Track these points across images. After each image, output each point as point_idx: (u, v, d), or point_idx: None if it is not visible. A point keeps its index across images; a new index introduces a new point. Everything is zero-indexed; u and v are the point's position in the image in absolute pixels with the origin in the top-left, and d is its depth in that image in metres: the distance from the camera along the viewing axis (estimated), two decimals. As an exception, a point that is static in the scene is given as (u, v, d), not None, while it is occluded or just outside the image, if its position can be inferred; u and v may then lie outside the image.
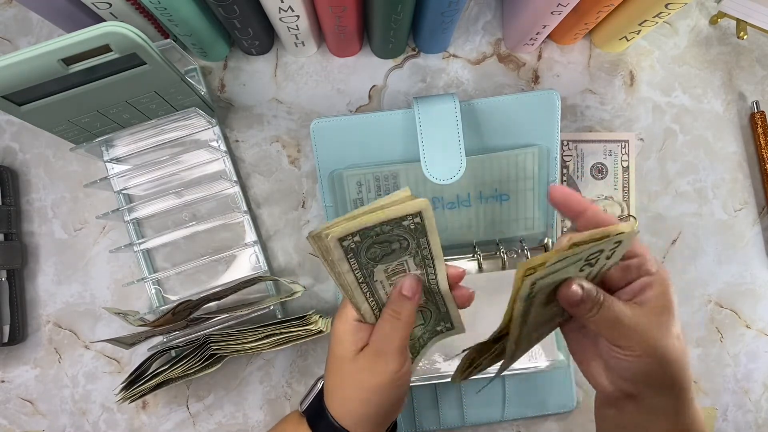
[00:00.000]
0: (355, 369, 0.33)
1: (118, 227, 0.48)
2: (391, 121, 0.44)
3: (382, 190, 0.45)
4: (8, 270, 0.46)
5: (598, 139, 0.49)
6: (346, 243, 0.30)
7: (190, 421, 0.48)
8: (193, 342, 0.42)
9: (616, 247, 0.28)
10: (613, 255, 0.29)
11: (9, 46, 0.48)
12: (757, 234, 0.50)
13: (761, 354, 0.49)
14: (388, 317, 0.33)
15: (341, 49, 0.47)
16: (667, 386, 0.31)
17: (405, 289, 0.33)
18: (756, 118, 0.49)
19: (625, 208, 0.48)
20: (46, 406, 0.48)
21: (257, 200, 0.48)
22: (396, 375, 0.33)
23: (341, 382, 0.34)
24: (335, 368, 0.34)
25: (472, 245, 0.46)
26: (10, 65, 0.31)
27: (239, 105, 0.48)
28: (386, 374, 0.33)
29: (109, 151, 0.46)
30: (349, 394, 0.34)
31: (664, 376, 0.30)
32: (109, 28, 0.31)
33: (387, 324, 0.33)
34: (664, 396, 0.31)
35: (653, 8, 0.40)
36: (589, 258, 0.28)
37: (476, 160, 0.44)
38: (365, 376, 0.33)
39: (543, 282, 0.28)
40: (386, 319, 0.33)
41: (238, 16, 0.39)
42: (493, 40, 0.49)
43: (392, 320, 0.33)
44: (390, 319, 0.33)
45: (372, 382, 0.33)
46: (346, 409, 0.34)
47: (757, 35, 0.50)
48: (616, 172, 0.48)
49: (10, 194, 0.47)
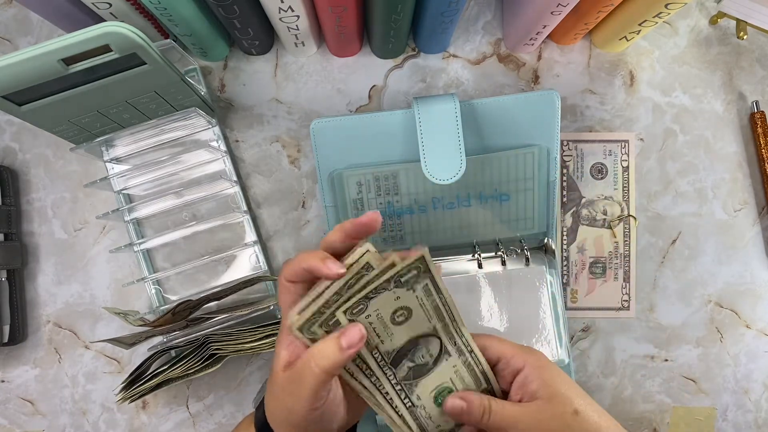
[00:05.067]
0: (278, 383, 0.30)
1: (118, 227, 0.48)
2: (391, 121, 0.44)
3: (382, 190, 0.45)
4: (8, 270, 0.46)
5: (597, 139, 0.49)
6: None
7: (190, 421, 0.48)
8: (193, 342, 0.42)
9: (415, 267, 0.29)
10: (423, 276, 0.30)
11: (9, 46, 0.48)
12: (757, 234, 0.50)
13: (761, 354, 0.49)
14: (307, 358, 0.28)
15: (341, 49, 0.47)
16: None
17: (344, 337, 0.27)
18: (756, 118, 0.49)
19: (625, 208, 0.48)
20: (46, 406, 0.48)
21: (257, 200, 0.48)
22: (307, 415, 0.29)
23: (269, 391, 0.31)
24: (270, 372, 0.31)
25: (472, 245, 0.46)
26: (10, 65, 0.31)
27: (239, 105, 0.48)
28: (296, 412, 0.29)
29: (109, 151, 0.46)
30: (272, 409, 0.31)
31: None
32: (109, 28, 0.31)
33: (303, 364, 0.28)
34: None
35: (653, 8, 0.40)
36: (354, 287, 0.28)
37: (476, 160, 0.44)
38: (281, 397, 0.30)
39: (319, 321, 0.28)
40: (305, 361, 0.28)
41: (238, 16, 0.39)
42: (493, 40, 0.49)
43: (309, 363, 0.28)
44: (308, 362, 0.28)
45: (285, 408, 0.29)
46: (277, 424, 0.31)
47: (757, 35, 0.50)
48: (615, 172, 0.49)
49: (10, 194, 0.47)
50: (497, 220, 0.46)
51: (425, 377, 0.32)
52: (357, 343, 0.27)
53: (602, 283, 0.49)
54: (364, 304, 0.29)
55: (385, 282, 0.28)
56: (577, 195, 0.49)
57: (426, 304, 0.31)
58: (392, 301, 0.30)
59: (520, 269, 0.45)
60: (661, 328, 0.49)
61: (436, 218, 0.46)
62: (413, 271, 0.29)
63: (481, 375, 0.33)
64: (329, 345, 0.27)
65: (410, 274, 0.29)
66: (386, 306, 0.30)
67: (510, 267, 0.45)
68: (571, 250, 0.49)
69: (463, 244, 0.46)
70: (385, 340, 0.31)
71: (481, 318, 0.44)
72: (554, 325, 0.45)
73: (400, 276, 0.29)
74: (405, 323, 0.31)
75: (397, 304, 0.30)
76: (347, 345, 0.27)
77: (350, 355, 0.27)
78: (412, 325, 0.31)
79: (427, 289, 0.31)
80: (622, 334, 0.49)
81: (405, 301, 0.30)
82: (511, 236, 0.46)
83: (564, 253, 0.49)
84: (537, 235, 0.47)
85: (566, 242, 0.49)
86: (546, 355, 0.33)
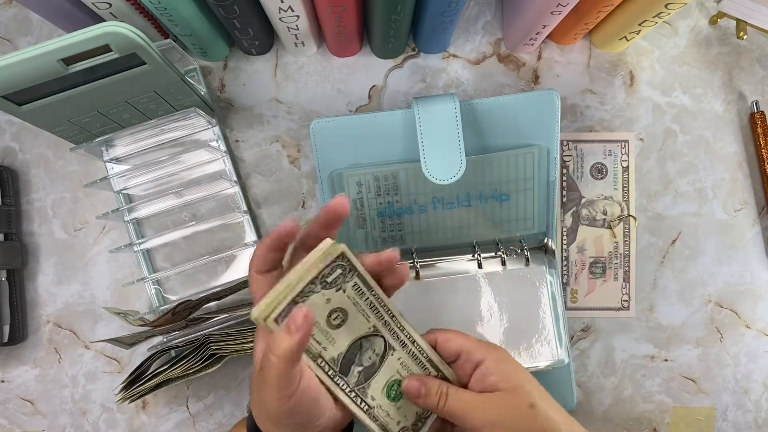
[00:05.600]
0: (255, 382, 0.30)
1: (118, 227, 0.48)
2: (391, 121, 0.44)
3: (382, 190, 0.45)
4: (8, 270, 0.46)
5: (597, 139, 0.49)
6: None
7: (190, 421, 0.48)
8: (193, 342, 0.42)
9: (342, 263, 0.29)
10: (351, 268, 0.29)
11: (9, 46, 0.48)
12: (757, 234, 0.50)
13: (761, 354, 0.49)
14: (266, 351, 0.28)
15: (341, 49, 0.47)
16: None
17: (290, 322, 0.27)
18: (756, 118, 0.49)
19: (625, 208, 0.48)
20: (46, 406, 0.48)
21: (257, 200, 0.48)
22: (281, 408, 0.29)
23: (252, 393, 0.32)
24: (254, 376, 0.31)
25: (472, 245, 0.46)
26: (10, 65, 0.31)
27: (239, 105, 0.48)
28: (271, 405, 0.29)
29: (109, 151, 0.46)
30: (254, 406, 0.31)
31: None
32: (109, 28, 0.31)
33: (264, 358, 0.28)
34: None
35: (653, 8, 0.40)
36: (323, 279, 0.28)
37: (476, 160, 0.44)
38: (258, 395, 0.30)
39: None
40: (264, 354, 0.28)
41: (238, 16, 0.39)
42: (493, 40, 0.49)
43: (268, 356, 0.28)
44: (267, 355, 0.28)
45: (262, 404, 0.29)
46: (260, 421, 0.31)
47: (757, 35, 0.50)
48: (615, 172, 0.49)
49: (10, 194, 0.47)
50: (497, 220, 0.46)
51: (374, 377, 0.32)
52: (302, 324, 0.27)
53: (602, 283, 0.49)
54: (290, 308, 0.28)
55: (309, 284, 0.28)
56: (577, 195, 0.49)
57: (360, 303, 0.31)
58: (324, 303, 0.29)
59: (520, 269, 0.45)
60: (661, 328, 0.49)
61: (436, 218, 0.46)
62: (337, 270, 0.29)
63: (428, 362, 0.34)
64: (279, 334, 0.27)
65: (335, 274, 0.29)
66: (319, 309, 0.29)
67: (510, 267, 0.45)
68: (571, 250, 0.49)
69: (463, 244, 0.46)
70: (328, 347, 0.30)
71: (481, 318, 0.44)
72: (554, 325, 0.45)
73: (325, 277, 0.29)
74: (343, 326, 0.31)
75: (330, 306, 0.30)
76: (295, 328, 0.27)
77: (301, 339, 0.27)
78: (351, 327, 0.31)
79: (357, 287, 0.30)
80: (622, 334, 0.49)
81: (337, 303, 0.30)
82: (511, 236, 0.46)
83: (564, 253, 0.49)
84: (537, 235, 0.47)
85: (566, 242, 0.49)
86: (509, 352, 0.34)
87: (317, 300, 0.29)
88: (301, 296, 0.28)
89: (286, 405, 0.28)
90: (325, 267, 0.28)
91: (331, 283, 0.29)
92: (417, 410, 0.35)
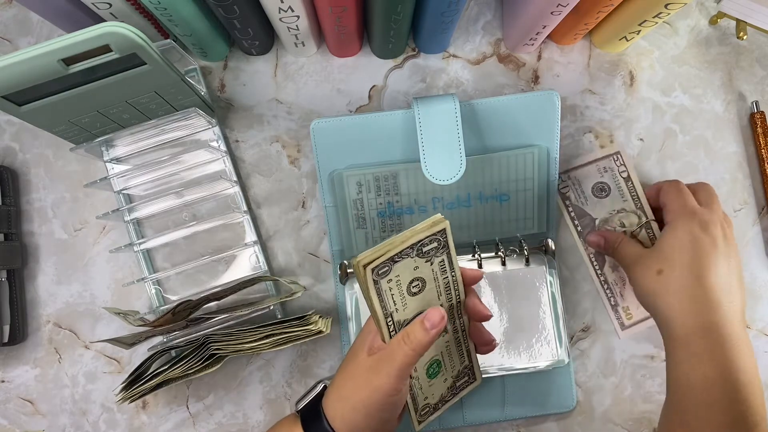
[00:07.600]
0: (363, 365, 0.33)
1: (118, 227, 0.48)
2: (390, 121, 0.44)
3: (382, 190, 0.45)
4: (8, 270, 0.46)
5: (586, 162, 0.48)
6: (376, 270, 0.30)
7: (190, 421, 0.48)
8: (193, 342, 0.42)
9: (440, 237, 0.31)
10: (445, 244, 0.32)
11: (9, 46, 0.48)
12: (757, 234, 0.50)
13: (761, 354, 0.49)
14: (399, 338, 0.32)
15: (341, 49, 0.47)
16: (656, 320, 0.40)
17: (427, 320, 0.32)
18: (756, 118, 0.49)
19: (642, 216, 0.47)
20: (46, 406, 0.48)
21: (257, 200, 0.48)
22: (387, 398, 0.32)
23: (346, 375, 0.34)
24: (348, 359, 0.35)
25: (472, 245, 0.46)
26: (10, 65, 0.31)
27: (239, 105, 0.48)
28: (380, 390, 0.32)
29: (109, 151, 0.46)
30: (347, 393, 0.33)
31: (648, 308, 0.41)
32: (109, 28, 0.31)
33: (395, 344, 0.32)
34: (661, 328, 0.40)
35: (653, 8, 0.40)
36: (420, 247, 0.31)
37: (476, 160, 0.44)
38: (366, 377, 0.33)
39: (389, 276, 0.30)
40: (397, 340, 0.32)
41: (238, 16, 0.39)
42: (493, 40, 0.49)
43: (401, 343, 0.32)
44: (400, 342, 0.32)
45: (369, 387, 0.32)
46: (339, 413, 0.33)
47: (757, 35, 0.50)
48: (618, 185, 0.48)
49: (10, 194, 0.47)
50: (497, 220, 0.46)
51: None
52: (438, 323, 0.31)
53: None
54: (389, 266, 0.30)
55: (408, 248, 0.30)
56: (589, 219, 0.48)
57: (439, 279, 0.33)
58: (411, 269, 0.31)
59: (520, 269, 0.45)
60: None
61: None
62: (434, 243, 0.31)
63: (466, 353, 0.38)
64: (416, 327, 0.32)
65: (431, 246, 0.31)
66: (406, 273, 0.31)
67: (510, 267, 0.45)
68: (606, 272, 0.48)
69: (463, 244, 0.46)
70: (399, 310, 0.32)
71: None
72: (554, 325, 0.45)
73: (423, 245, 0.31)
74: (419, 295, 0.33)
75: (415, 274, 0.32)
76: (431, 326, 0.31)
77: (434, 336, 0.31)
78: (423, 299, 0.33)
79: (442, 264, 0.33)
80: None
81: (421, 272, 0.32)
82: (511, 236, 0.46)
83: (600, 277, 0.48)
84: (537, 235, 0.47)
85: (597, 267, 0.48)
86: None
87: (408, 264, 0.31)
88: (399, 256, 0.30)
89: (393, 397, 0.32)
90: (426, 236, 0.30)
91: (425, 253, 0.31)
92: (442, 392, 0.38)
